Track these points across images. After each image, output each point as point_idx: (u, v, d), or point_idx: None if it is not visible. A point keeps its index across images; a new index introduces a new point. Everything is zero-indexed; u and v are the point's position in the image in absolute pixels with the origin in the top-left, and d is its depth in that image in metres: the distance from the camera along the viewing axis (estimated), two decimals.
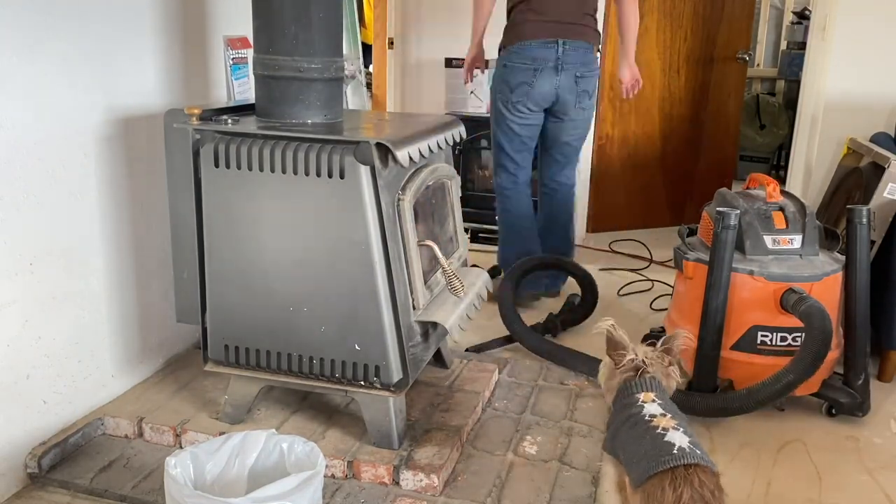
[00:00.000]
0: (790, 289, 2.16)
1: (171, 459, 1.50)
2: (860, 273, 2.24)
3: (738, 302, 2.23)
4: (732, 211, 2.19)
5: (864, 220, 2.20)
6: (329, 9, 1.89)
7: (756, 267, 2.23)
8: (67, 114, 1.89)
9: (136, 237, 2.16)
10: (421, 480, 1.80)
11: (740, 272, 2.23)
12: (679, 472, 1.37)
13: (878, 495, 1.94)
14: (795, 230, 2.28)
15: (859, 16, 3.33)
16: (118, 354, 2.14)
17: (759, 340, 2.23)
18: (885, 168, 2.55)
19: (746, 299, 2.23)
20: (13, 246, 1.77)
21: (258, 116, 1.97)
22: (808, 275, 2.21)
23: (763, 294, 2.20)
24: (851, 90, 3.39)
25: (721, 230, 2.18)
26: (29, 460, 1.83)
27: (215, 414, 2.03)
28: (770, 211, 2.30)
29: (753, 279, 2.21)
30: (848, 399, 2.28)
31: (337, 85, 1.98)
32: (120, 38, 2.03)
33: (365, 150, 1.72)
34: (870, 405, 2.31)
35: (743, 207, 2.29)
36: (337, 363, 1.86)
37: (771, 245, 2.27)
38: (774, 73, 6.28)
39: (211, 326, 1.94)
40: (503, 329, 2.75)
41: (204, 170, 1.83)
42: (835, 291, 2.26)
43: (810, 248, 2.28)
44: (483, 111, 3.91)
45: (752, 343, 2.24)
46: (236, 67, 2.49)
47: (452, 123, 2.20)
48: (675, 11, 4.25)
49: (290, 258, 1.83)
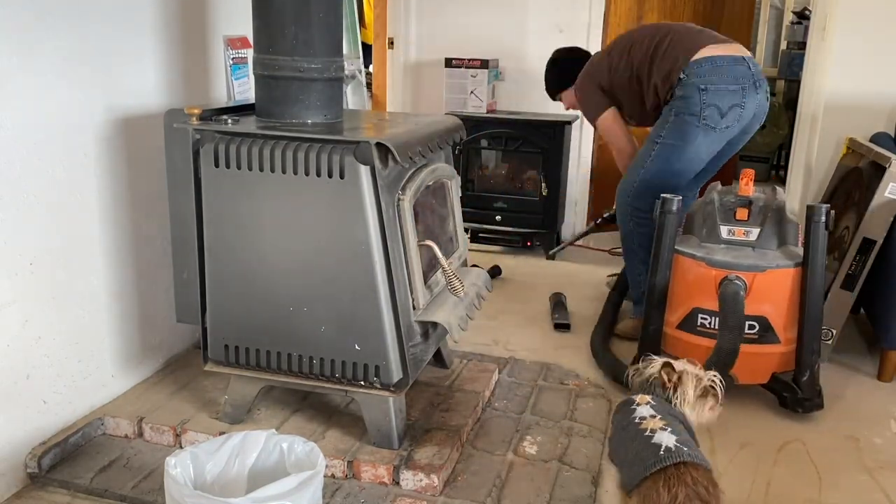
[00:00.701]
0: (726, 276, 2.26)
1: (171, 459, 1.50)
2: (814, 271, 2.24)
3: (683, 284, 2.37)
4: (675, 197, 2.34)
5: (821, 219, 2.20)
6: (329, 9, 1.89)
7: (703, 253, 2.34)
8: (67, 114, 1.89)
9: (136, 237, 2.16)
10: (421, 480, 1.80)
11: (686, 256, 2.35)
12: (671, 471, 1.38)
13: (878, 495, 1.94)
14: (755, 224, 2.36)
15: (859, 16, 3.33)
16: (118, 354, 2.14)
17: (699, 322, 2.34)
18: (885, 168, 2.55)
19: (690, 282, 2.35)
20: (13, 246, 1.77)
21: (258, 116, 1.97)
22: (748, 265, 2.27)
23: (705, 278, 2.31)
24: (851, 90, 3.39)
25: (661, 214, 2.35)
26: (29, 460, 1.83)
27: (215, 414, 2.03)
28: (737, 204, 2.39)
29: (696, 264, 2.32)
30: (790, 394, 2.30)
31: (337, 85, 1.98)
32: (120, 38, 2.03)
33: (365, 150, 1.72)
34: (819, 403, 2.29)
35: (711, 198, 2.43)
36: (337, 363, 1.86)
37: (725, 235, 2.39)
38: (774, 73, 6.28)
39: (211, 326, 1.94)
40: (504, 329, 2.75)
41: (204, 170, 1.83)
42: (782, 285, 2.28)
43: (766, 241, 2.35)
44: (483, 111, 3.91)
45: (693, 324, 2.35)
46: (236, 67, 2.49)
47: (452, 123, 2.20)
48: (676, 11, 4.25)
49: (290, 258, 1.83)
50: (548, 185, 3.85)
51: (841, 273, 2.59)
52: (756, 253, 2.34)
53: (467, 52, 3.94)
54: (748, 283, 2.24)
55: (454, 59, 3.90)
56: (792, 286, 2.27)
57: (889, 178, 2.51)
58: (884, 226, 2.52)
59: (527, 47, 4.06)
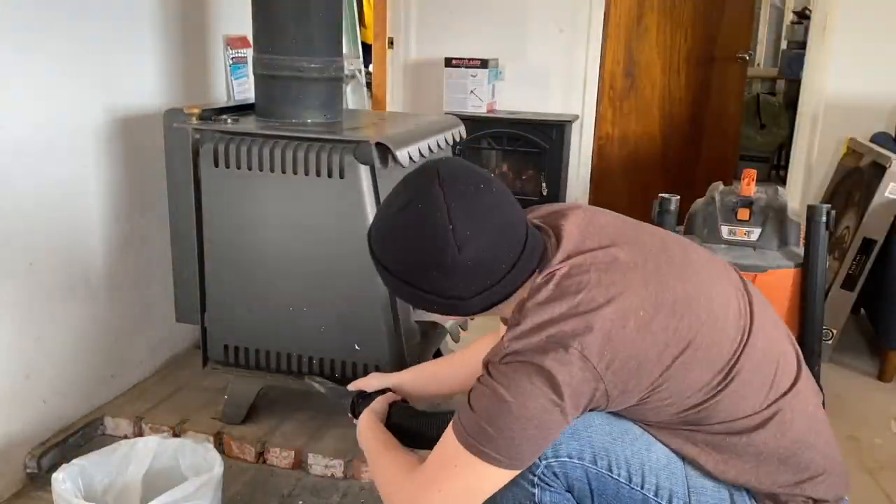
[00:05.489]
0: None
1: (59, 474, 1.49)
2: (815, 271, 2.23)
3: None
4: (673, 197, 2.32)
5: (822, 219, 2.20)
6: (329, 9, 1.89)
7: None
8: (67, 114, 1.89)
9: (136, 237, 2.15)
10: None
11: None
12: None
13: (878, 495, 1.94)
14: (756, 224, 2.36)
15: (859, 16, 3.33)
16: (118, 354, 2.14)
17: None
18: (885, 168, 2.55)
19: None
20: (13, 246, 1.77)
21: (258, 116, 1.97)
22: (749, 264, 2.26)
23: None
24: (851, 90, 3.39)
25: (658, 214, 2.33)
26: (28, 460, 1.83)
27: (215, 414, 2.03)
28: (738, 204, 2.38)
29: None
30: None
31: (337, 85, 1.98)
32: (120, 38, 2.03)
33: (365, 150, 1.72)
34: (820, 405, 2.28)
35: (713, 198, 2.41)
36: (337, 363, 1.86)
37: (726, 235, 2.38)
38: (774, 73, 6.28)
39: (211, 326, 1.94)
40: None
41: (203, 169, 1.83)
42: (783, 286, 2.28)
43: (767, 241, 2.34)
44: (483, 111, 3.91)
45: None
46: (236, 67, 2.49)
47: (452, 123, 2.20)
48: (675, 11, 4.24)
49: (290, 258, 1.83)
50: (548, 184, 3.85)
51: (841, 273, 2.59)
52: (757, 253, 2.33)
53: (467, 52, 3.93)
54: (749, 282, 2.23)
55: (454, 59, 3.90)
56: (793, 286, 2.27)
57: (889, 178, 2.51)
58: (884, 226, 2.52)
59: (527, 47, 4.06)
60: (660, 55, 4.30)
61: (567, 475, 1.20)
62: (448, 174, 1.11)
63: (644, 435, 1.21)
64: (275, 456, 1.91)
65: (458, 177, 1.11)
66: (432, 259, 1.09)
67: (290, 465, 1.90)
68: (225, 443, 1.94)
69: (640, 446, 1.20)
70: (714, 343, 1.13)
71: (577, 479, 1.20)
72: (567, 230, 1.18)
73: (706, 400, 1.13)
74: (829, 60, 3.42)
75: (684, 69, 4.39)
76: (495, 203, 1.13)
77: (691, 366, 1.11)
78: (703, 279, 1.18)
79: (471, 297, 1.13)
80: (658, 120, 4.42)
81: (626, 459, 1.19)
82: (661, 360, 1.10)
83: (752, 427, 1.15)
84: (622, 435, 1.21)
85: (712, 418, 1.15)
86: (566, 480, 1.21)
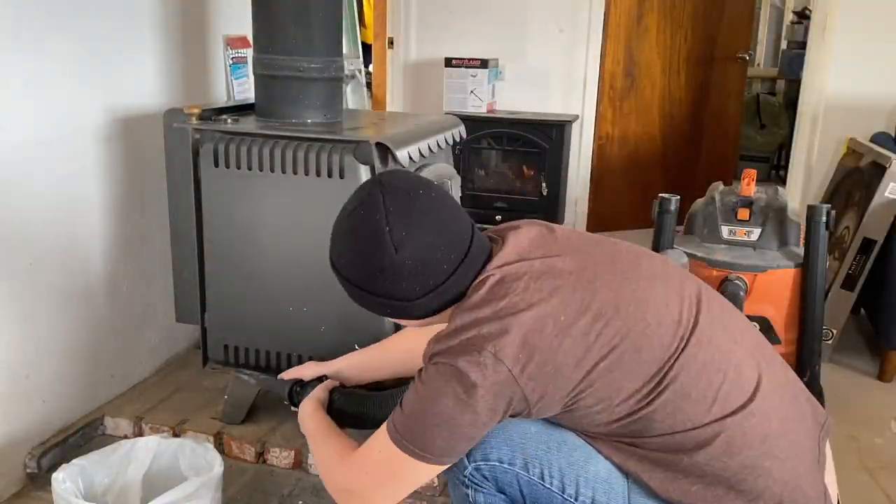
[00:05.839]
0: (727, 276, 2.25)
1: (59, 474, 1.49)
2: (815, 271, 2.23)
3: None
4: (673, 197, 2.33)
5: (822, 219, 2.20)
6: (329, 9, 1.89)
7: (703, 253, 2.32)
8: (67, 114, 1.88)
9: (136, 237, 2.15)
10: None
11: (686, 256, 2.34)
12: None
13: (878, 495, 1.94)
14: (756, 224, 2.35)
15: (859, 16, 3.33)
16: (118, 354, 2.13)
17: None
18: (885, 168, 2.55)
19: None
20: (13, 246, 1.77)
21: (258, 116, 1.97)
22: (748, 265, 2.26)
23: (705, 278, 2.30)
24: (851, 90, 3.39)
25: (658, 214, 2.34)
26: (28, 460, 1.83)
27: (215, 414, 2.03)
28: (738, 204, 2.38)
29: (697, 263, 2.31)
30: None
31: (337, 85, 1.98)
32: (120, 38, 2.03)
33: (365, 150, 1.72)
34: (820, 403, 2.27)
35: (713, 198, 2.41)
36: None
37: (726, 235, 2.38)
38: (774, 73, 6.28)
39: (211, 326, 1.94)
40: None
41: (203, 169, 1.83)
42: (783, 286, 2.28)
43: (767, 241, 2.34)
44: (483, 111, 3.91)
45: None
46: (236, 67, 2.49)
47: (452, 123, 2.20)
48: (675, 11, 4.24)
49: (290, 258, 1.83)
50: (548, 184, 3.85)
51: (841, 273, 2.59)
52: (757, 253, 2.33)
53: (467, 52, 3.93)
54: (749, 283, 2.24)
55: (454, 59, 3.90)
56: (793, 286, 2.27)
57: (889, 177, 2.51)
58: (884, 226, 2.52)
59: (527, 47, 4.06)
60: (660, 55, 4.29)
61: (497, 479, 1.23)
62: (389, 182, 1.17)
63: (585, 447, 1.21)
64: (275, 456, 1.91)
65: (399, 184, 1.17)
66: (374, 261, 1.14)
67: (290, 465, 1.90)
68: (225, 443, 1.94)
69: (578, 457, 1.21)
70: (643, 348, 1.12)
71: (507, 483, 1.23)
72: (513, 239, 1.20)
73: (638, 409, 1.12)
74: (829, 60, 3.42)
75: (684, 69, 4.39)
76: (434, 206, 1.16)
77: (617, 372, 1.11)
78: (643, 287, 1.18)
79: (417, 298, 1.17)
80: (658, 120, 4.42)
81: (559, 469, 1.20)
82: (580, 365, 1.10)
83: (695, 445, 1.12)
84: (559, 445, 1.21)
85: (650, 430, 1.14)
86: (496, 484, 1.23)
